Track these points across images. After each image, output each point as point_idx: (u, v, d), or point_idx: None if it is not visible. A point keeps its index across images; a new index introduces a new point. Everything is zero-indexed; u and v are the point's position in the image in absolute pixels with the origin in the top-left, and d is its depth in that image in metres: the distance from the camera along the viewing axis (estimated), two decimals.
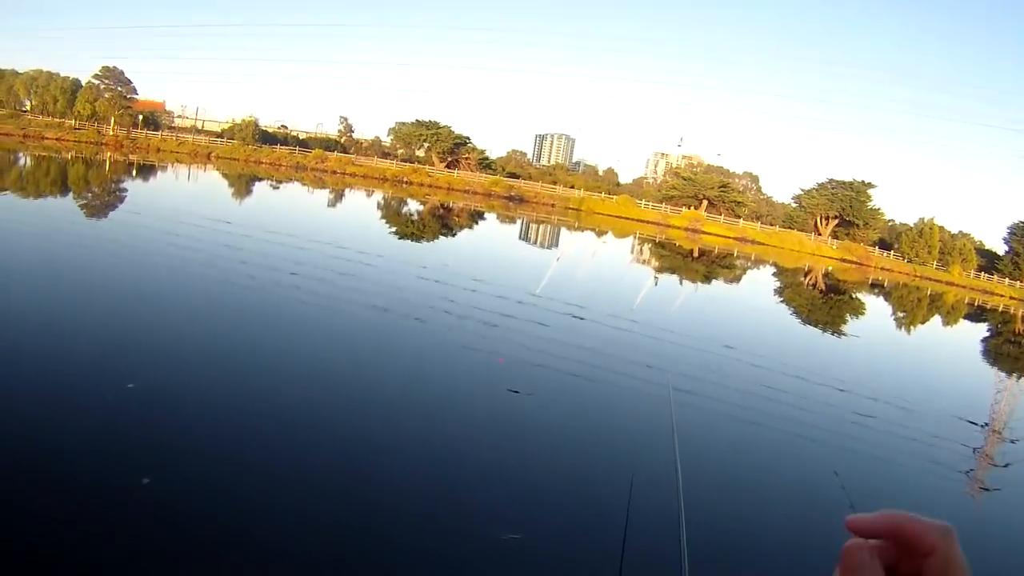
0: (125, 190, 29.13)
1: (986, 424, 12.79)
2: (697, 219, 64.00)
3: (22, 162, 31.82)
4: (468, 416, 8.88)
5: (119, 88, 56.48)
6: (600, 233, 50.22)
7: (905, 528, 0.61)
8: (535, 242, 39.37)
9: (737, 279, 37.81)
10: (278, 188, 44.14)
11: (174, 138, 57.49)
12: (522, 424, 8.91)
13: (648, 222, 62.80)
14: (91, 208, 21.75)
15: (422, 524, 5.87)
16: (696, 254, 46.34)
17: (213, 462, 6.19)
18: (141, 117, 56.41)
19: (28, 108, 49.56)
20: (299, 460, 6.63)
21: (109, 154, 43.98)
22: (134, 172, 37.84)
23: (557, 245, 39.28)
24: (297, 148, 65.15)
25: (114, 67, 57.91)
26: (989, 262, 62.22)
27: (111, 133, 50.78)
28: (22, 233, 16.20)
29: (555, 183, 73.87)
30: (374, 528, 5.70)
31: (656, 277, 30.19)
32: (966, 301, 46.26)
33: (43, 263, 13.43)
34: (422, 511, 6.09)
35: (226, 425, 7.11)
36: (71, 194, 24.57)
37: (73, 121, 50.12)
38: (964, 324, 36.47)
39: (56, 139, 44.75)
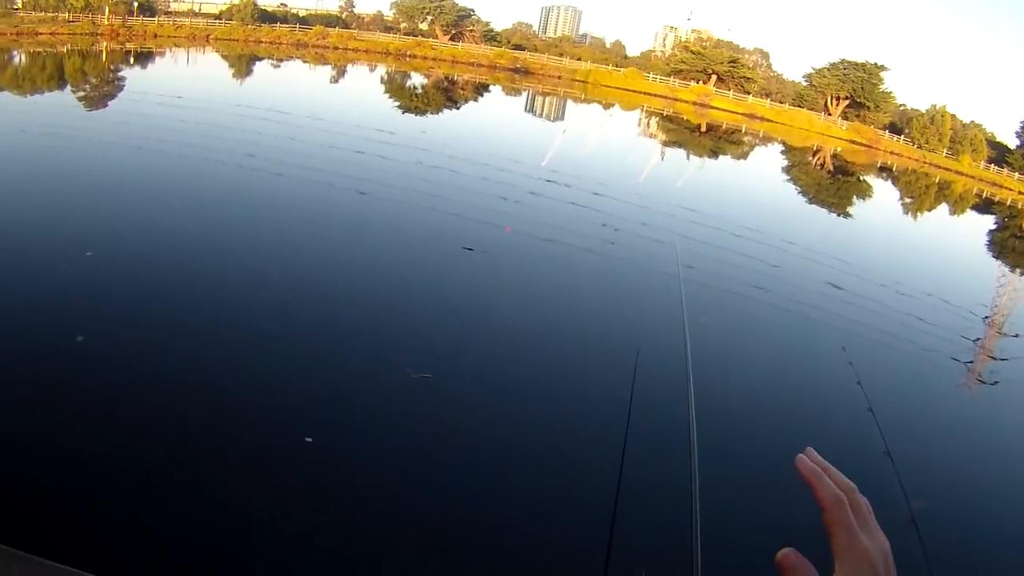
0: (120, 79, 27.96)
1: (987, 317, 12.79)
2: (706, 94, 62.18)
3: (16, 60, 30.47)
4: (465, 276, 9.00)
5: None
6: (607, 106, 48.92)
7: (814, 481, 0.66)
8: (541, 115, 38.42)
9: (744, 156, 37.16)
10: (278, 67, 42.56)
11: (171, 23, 55.01)
12: (529, 294, 8.93)
13: (656, 95, 60.94)
14: (85, 99, 20.89)
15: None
16: (704, 129, 45.30)
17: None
18: (136, 4, 54.24)
19: (19, 6, 47.05)
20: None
21: (105, 44, 42.53)
22: (131, 60, 36.42)
23: (563, 118, 38.36)
24: (298, 26, 62.79)
25: None
26: (1000, 155, 60.23)
27: (106, 23, 48.90)
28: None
29: (561, 55, 71.11)
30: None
31: (662, 152, 29.65)
32: (974, 192, 45.52)
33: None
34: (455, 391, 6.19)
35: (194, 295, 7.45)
36: (67, 87, 23.43)
37: (67, 14, 48.04)
38: (971, 215, 36.01)
39: (50, 34, 42.90)
